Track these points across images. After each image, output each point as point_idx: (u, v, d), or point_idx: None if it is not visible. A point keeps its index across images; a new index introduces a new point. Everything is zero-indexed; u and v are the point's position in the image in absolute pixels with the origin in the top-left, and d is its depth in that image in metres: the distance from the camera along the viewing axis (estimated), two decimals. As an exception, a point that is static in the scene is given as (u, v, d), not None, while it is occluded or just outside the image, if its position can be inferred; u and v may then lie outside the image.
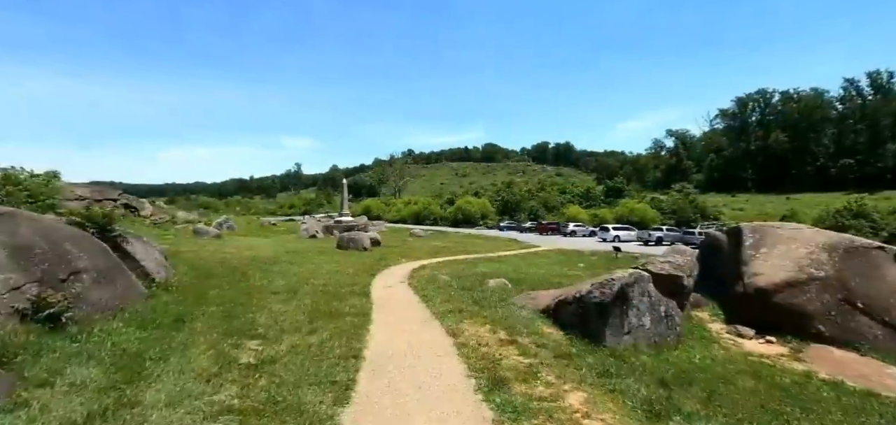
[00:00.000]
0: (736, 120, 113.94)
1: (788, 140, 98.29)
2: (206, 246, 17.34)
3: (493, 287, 11.18)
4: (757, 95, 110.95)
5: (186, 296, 8.63)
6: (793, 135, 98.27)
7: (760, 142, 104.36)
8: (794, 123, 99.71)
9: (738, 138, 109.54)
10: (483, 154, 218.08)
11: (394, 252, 22.14)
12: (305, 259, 16.45)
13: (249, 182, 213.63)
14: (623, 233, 38.26)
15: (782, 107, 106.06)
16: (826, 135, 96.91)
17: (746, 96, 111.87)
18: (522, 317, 7.98)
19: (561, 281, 13.37)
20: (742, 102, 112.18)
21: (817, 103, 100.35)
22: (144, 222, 25.78)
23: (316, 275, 12.48)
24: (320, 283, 11.20)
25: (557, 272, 16.61)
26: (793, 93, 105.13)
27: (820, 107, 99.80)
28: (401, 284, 12.18)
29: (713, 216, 52.03)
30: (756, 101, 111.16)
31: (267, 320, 7.48)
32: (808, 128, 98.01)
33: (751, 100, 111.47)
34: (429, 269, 15.77)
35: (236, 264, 13.12)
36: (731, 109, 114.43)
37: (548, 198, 73.73)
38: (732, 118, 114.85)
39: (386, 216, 78.66)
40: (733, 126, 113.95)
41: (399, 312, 8.77)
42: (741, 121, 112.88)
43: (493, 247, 29.91)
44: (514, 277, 13.54)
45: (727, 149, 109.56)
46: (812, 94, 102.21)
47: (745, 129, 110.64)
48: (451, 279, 12.66)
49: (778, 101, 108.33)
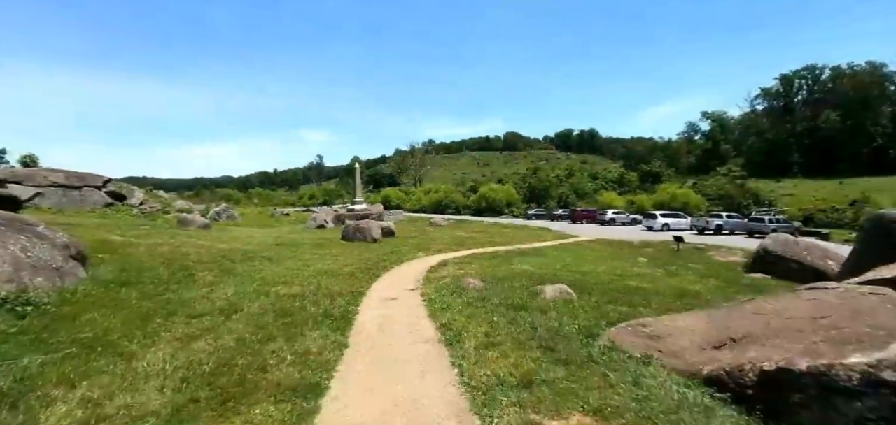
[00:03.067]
0: (780, 99, 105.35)
1: (840, 119, 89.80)
2: (177, 238, 14.07)
3: (552, 299, 7.34)
4: (804, 72, 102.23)
5: (47, 321, 5.14)
6: (845, 113, 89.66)
7: (808, 122, 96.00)
8: (847, 101, 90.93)
9: (783, 119, 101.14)
10: (504, 143, 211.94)
11: (409, 244, 18.51)
12: (294, 254, 12.97)
13: (274, 175, 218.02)
14: (672, 220, 33.51)
15: (833, 84, 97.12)
16: (883, 113, 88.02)
17: (792, 73, 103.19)
18: (676, 404, 3.61)
19: (642, 285, 9.42)
20: (787, 80, 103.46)
21: (874, 78, 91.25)
22: (131, 211, 22.95)
23: (292, 279, 8.95)
24: (287, 294, 7.62)
25: (621, 270, 12.58)
26: (845, 67, 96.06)
27: (877, 83, 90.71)
28: (410, 294, 8.47)
29: (769, 202, 46.38)
30: (803, 77, 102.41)
31: (95, 392, 3.80)
32: (863, 105, 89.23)
33: (797, 77, 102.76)
34: (451, 267, 12.03)
35: (190, 263, 9.68)
36: (775, 88, 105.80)
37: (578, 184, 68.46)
38: (776, 97, 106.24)
39: (405, 205, 75.32)
40: (777, 106, 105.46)
41: (392, 374, 4.55)
42: (786, 100, 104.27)
43: (526, 237, 25.90)
44: (569, 279, 9.64)
45: (770, 131, 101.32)
46: (868, 68, 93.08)
47: (790, 109, 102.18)
48: (484, 285, 8.81)
49: (828, 77, 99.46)
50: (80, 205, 20.63)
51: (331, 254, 13.63)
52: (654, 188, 62.21)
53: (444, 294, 8.11)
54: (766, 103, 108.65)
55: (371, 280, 9.63)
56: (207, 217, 25.78)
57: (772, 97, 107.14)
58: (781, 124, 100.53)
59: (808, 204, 48.71)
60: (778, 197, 61.05)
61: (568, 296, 7.64)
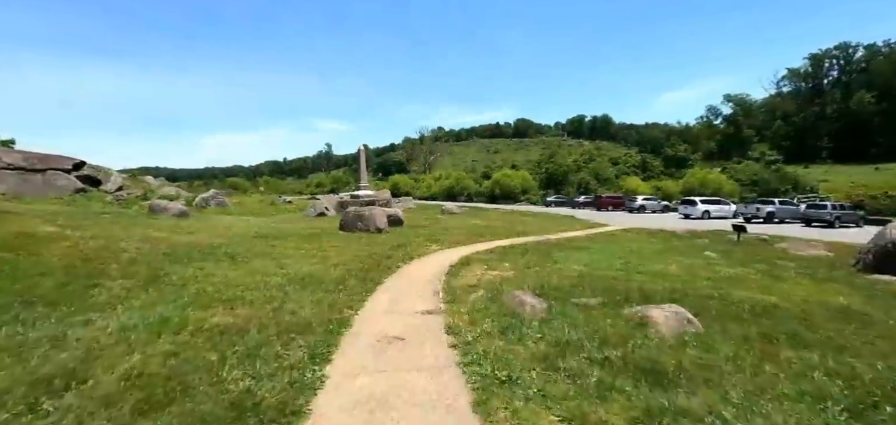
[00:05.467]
0: (809, 81, 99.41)
1: (875, 101, 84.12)
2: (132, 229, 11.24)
3: (674, 336, 4.28)
4: (836, 51, 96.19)
5: None
6: (881, 95, 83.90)
7: (839, 104, 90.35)
8: (883, 81, 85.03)
9: (812, 101, 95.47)
10: (514, 130, 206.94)
11: (420, 234, 15.52)
12: (271, 249, 10.03)
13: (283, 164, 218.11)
14: (714, 207, 29.92)
15: (868, 64, 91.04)
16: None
17: (822, 52, 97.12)
18: None
19: (765, 298, 6.31)
20: (817, 60, 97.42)
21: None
22: (104, 198, 20.26)
23: (244, 293, 6.00)
24: (213, 327, 4.55)
25: (705, 272, 9.43)
26: (881, 45, 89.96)
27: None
28: (426, 325, 5.20)
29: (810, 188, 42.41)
30: (835, 57, 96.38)
31: None
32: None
33: (828, 56, 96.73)
34: (478, 268, 8.99)
35: (113, 264, 6.83)
36: (804, 68, 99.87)
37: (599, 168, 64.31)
38: (804, 78, 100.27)
39: (415, 193, 72.13)
40: (805, 88, 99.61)
41: None
42: (815, 81, 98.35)
43: (551, 226, 22.69)
44: (655, 289, 6.53)
45: (797, 114, 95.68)
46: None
47: (819, 91, 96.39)
48: (541, 302, 5.67)
49: (862, 56, 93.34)
50: (43, 190, 17.93)
51: (321, 248, 10.66)
52: (682, 173, 58.17)
53: (486, 323, 5.04)
54: (792, 85, 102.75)
55: (366, 292, 6.58)
56: (194, 204, 23.05)
57: (799, 78, 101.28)
58: (809, 107, 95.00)
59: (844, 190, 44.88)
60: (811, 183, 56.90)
61: (691, 326, 4.55)
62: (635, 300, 5.80)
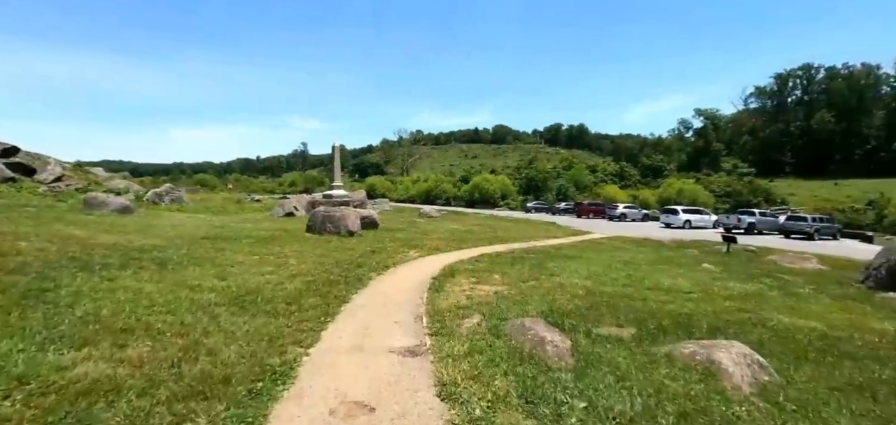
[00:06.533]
0: (774, 98, 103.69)
1: (834, 120, 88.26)
2: (51, 226, 9.41)
3: (751, 395, 3.02)
4: (799, 71, 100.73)
5: None
6: (839, 115, 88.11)
7: (802, 122, 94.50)
8: (842, 102, 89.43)
9: (776, 118, 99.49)
10: (493, 135, 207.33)
11: (397, 239, 14.09)
12: (218, 254, 8.38)
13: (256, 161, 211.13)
14: (694, 217, 29.66)
15: (828, 85, 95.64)
16: (877, 115, 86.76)
17: (787, 72, 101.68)
18: None
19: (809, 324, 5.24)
20: (782, 79, 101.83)
21: (869, 80, 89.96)
22: (36, 189, 17.92)
23: (154, 322, 4.39)
24: (79, 382, 2.92)
25: (721, 290, 8.39)
26: (841, 68, 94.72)
27: (872, 85, 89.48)
28: (405, 369, 3.78)
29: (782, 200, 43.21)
30: (798, 77, 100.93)
31: None
32: (858, 107, 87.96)
33: (792, 76, 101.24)
34: (465, 281, 7.66)
35: None
36: (769, 87, 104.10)
37: (578, 176, 64.20)
38: (770, 96, 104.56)
39: (392, 195, 70.21)
40: (771, 105, 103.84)
41: None
42: (780, 99, 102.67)
43: (533, 233, 21.64)
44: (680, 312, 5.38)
45: (763, 130, 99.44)
46: (863, 69, 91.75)
47: (783, 109, 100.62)
48: (561, 339, 4.29)
49: (823, 77, 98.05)
50: (-41, 178, 15.54)
51: (280, 254, 9.07)
52: (658, 183, 58.67)
53: (497, 379, 3.52)
54: (759, 102, 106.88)
55: (326, 315, 5.03)
56: (144, 199, 20.84)
57: (765, 96, 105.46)
58: (774, 123, 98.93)
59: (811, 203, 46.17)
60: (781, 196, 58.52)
61: (764, 372, 3.36)
62: (671, 330, 4.60)
